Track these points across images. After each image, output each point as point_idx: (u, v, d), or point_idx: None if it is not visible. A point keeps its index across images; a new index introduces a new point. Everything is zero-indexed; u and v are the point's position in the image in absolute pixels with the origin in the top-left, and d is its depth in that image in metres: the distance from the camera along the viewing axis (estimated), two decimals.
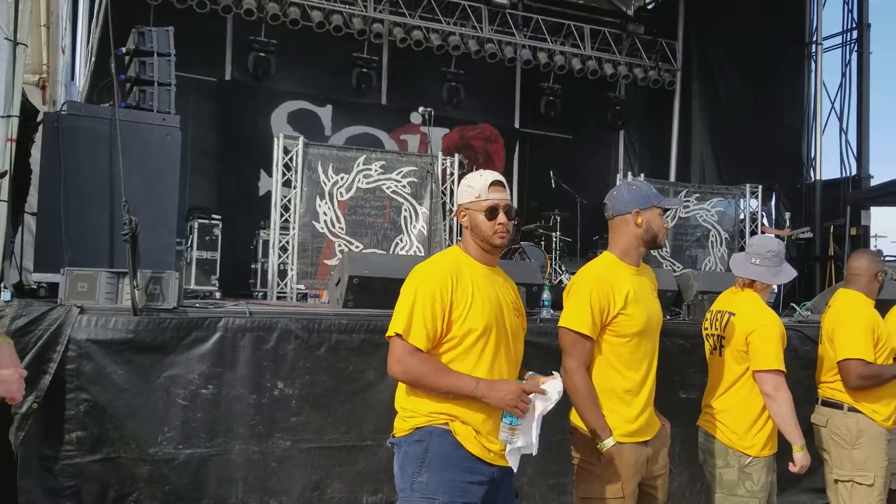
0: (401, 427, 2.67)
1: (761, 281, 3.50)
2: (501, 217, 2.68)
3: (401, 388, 2.72)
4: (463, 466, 2.56)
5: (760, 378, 3.32)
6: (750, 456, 3.34)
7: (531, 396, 2.57)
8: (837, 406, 3.89)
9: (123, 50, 6.06)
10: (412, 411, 2.63)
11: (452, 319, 2.58)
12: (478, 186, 2.71)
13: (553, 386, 2.60)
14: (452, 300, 2.57)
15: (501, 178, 2.76)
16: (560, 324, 2.98)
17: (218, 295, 8.56)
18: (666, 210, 3.13)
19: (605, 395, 2.93)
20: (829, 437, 3.90)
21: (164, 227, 5.45)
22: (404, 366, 2.58)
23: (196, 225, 8.99)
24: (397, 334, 2.58)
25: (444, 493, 2.53)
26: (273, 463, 4.42)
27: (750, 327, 3.38)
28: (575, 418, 3.02)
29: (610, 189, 3.27)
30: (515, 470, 2.64)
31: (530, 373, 2.75)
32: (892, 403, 3.82)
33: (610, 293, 2.92)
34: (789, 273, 3.51)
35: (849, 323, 3.87)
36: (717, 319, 3.55)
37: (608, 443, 2.85)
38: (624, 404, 2.95)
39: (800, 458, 3.31)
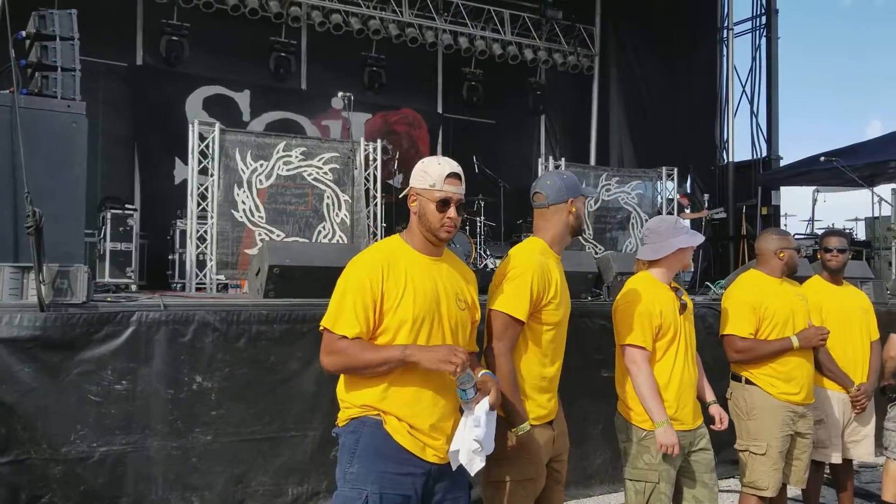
0: (340, 417, 2.65)
1: (640, 258, 3.62)
2: (452, 211, 2.60)
3: (341, 380, 2.67)
4: (394, 458, 2.52)
5: (622, 352, 3.44)
6: (645, 430, 3.39)
7: (480, 404, 2.52)
8: (738, 379, 4.07)
9: (23, 34, 5.78)
10: (349, 402, 2.61)
11: (384, 310, 2.54)
12: (434, 174, 2.62)
13: (481, 406, 2.55)
14: (384, 291, 2.52)
15: (460, 170, 2.66)
16: (495, 307, 2.90)
17: (134, 288, 8.31)
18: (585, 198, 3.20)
19: (523, 380, 2.94)
20: (733, 408, 4.07)
21: (72, 219, 5.24)
22: (330, 355, 2.54)
23: (109, 216, 8.70)
24: (325, 328, 2.56)
25: (373, 484, 2.49)
26: (193, 458, 4.32)
27: (615, 305, 3.52)
28: None
29: (533, 174, 3.29)
30: (455, 467, 2.56)
31: (487, 371, 2.70)
32: (795, 377, 3.97)
33: (547, 281, 2.94)
34: (671, 246, 3.51)
35: (728, 300, 4.08)
36: None
37: (524, 427, 2.86)
38: (539, 390, 2.99)
39: (658, 435, 3.30)
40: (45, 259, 4.09)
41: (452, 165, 2.65)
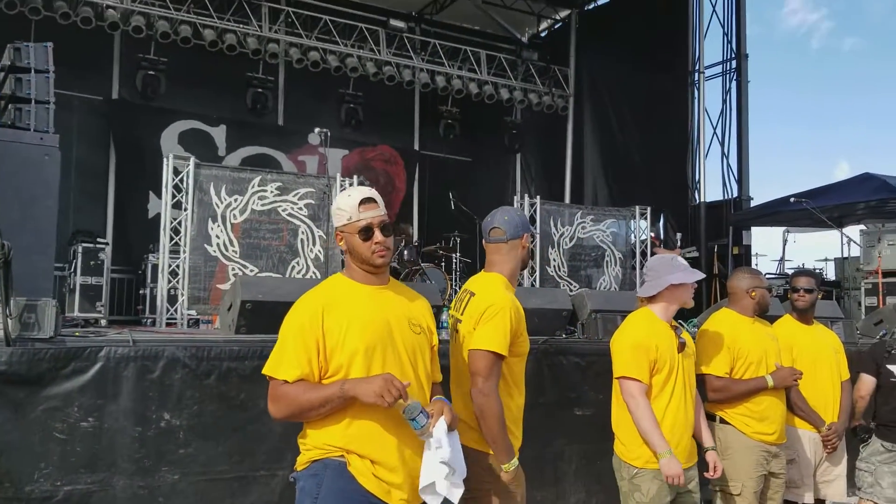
0: (299, 461, 2.55)
1: (639, 295, 3.66)
2: (378, 236, 2.54)
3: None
4: (358, 501, 2.42)
5: (619, 386, 3.47)
6: (636, 468, 3.41)
7: (437, 426, 2.42)
8: (712, 418, 4.07)
9: None
10: (310, 444, 2.51)
11: (329, 349, 2.45)
12: (348, 208, 2.56)
13: (439, 428, 2.45)
14: (324, 329, 2.45)
15: (373, 193, 2.60)
16: (479, 346, 2.87)
17: (103, 322, 8.19)
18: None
19: (505, 414, 2.92)
20: None
21: (41, 252, 5.16)
22: (275, 402, 2.46)
23: (80, 249, 8.60)
24: (269, 375, 2.48)
25: None
26: (160, 497, 4.22)
27: (612, 340, 3.59)
28: (469, 441, 2.94)
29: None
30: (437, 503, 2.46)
31: (438, 397, 2.60)
32: (768, 417, 3.99)
33: (519, 314, 2.97)
34: (664, 282, 3.57)
35: (703, 339, 4.11)
36: None
37: (514, 462, 2.87)
38: (515, 421, 3.00)
39: (662, 466, 3.33)
40: (12, 292, 4.02)
41: (363, 192, 2.59)
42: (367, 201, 2.56)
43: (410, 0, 13.61)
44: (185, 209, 7.57)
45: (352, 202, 2.56)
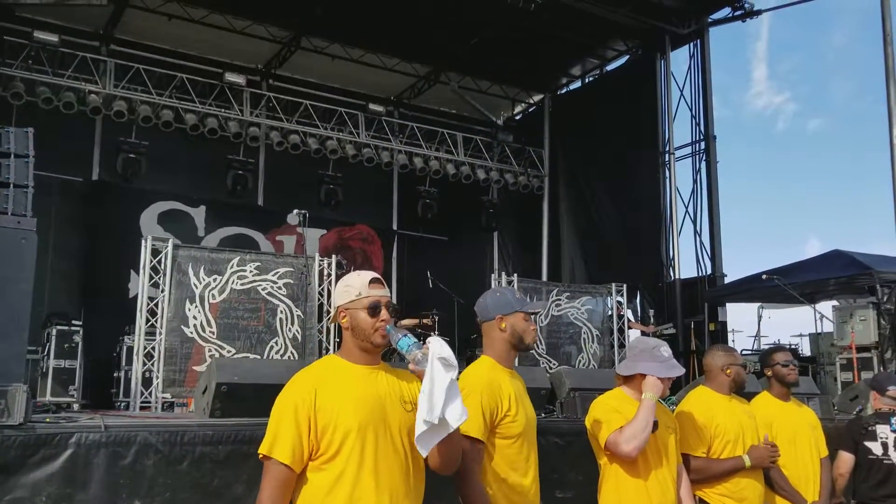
0: None
1: (617, 372, 3.67)
2: (384, 314, 2.58)
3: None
4: None
5: (604, 455, 3.44)
6: None
7: (430, 345, 2.46)
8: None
9: None
10: None
11: (321, 428, 2.44)
12: (357, 285, 2.61)
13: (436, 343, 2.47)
14: (316, 408, 2.45)
15: (380, 276, 2.67)
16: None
17: (76, 407, 8.03)
18: (531, 313, 3.17)
19: (495, 499, 2.87)
20: None
21: (14, 336, 5.09)
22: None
23: (54, 332, 8.48)
24: (264, 455, 2.45)
25: None
26: None
27: (586, 420, 3.56)
28: None
29: (486, 289, 3.36)
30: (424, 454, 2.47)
31: None
32: (747, 497, 3.94)
33: (498, 395, 2.94)
34: (635, 367, 3.55)
35: (680, 418, 4.06)
36: None
37: None
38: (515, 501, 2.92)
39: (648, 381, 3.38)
40: None
41: (372, 273, 2.67)
42: (376, 281, 2.63)
43: (389, 85, 13.99)
44: (163, 290, 7.55)
45: (362, 280, 2.62)
